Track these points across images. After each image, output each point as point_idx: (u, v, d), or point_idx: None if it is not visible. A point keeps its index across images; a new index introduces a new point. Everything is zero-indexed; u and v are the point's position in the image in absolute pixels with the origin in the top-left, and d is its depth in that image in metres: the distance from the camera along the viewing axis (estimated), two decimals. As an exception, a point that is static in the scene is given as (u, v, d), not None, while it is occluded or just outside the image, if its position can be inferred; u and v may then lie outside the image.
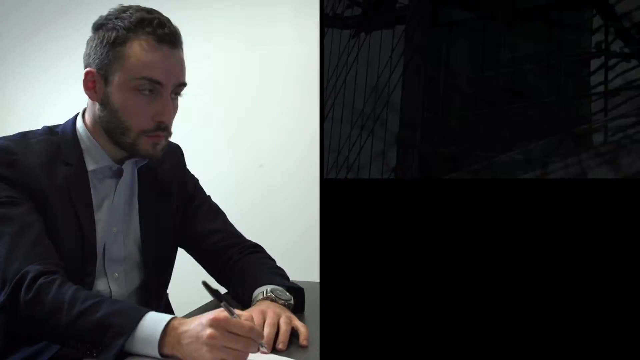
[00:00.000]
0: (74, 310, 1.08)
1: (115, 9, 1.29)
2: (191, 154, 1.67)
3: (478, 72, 5.28)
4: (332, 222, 1.03)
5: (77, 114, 1.35)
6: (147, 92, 1.25)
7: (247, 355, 0.99)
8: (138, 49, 1.24)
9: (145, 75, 1.24)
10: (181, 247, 1.53)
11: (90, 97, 1.30)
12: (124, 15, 1.26)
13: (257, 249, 1.51)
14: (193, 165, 1.65)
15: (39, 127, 1.35)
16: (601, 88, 4.63)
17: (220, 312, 1.01)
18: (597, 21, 4.87)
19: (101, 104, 1.28)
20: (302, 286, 1.41)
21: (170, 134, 1.32)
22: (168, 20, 1.28)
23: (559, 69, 4.82)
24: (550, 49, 4.92)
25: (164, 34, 1.26)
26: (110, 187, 1.33)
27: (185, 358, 1.01)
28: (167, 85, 1.26)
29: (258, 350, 1.01)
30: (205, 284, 1.04)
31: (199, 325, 1.01)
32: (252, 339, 1.00)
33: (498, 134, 4.83)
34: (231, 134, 3.21)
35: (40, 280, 1.12)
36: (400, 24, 6.16)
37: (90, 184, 1.30)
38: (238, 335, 0.99)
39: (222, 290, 1.36)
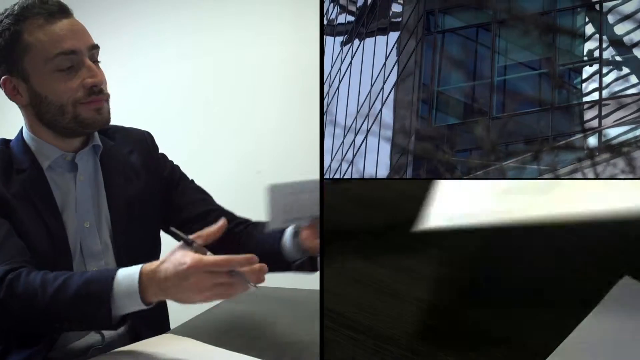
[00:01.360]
0: (47, 292, 1.07)
1: None
2: (188, 159, 1.65)
3: (470, 80, 5.30)
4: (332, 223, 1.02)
5: (22, 126, 1.34)
6: (66, 69, 1.24)
7: (235, 288, 1.01)
8: (37, 33, 1.24)
9: (57, 51, 1.23)
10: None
11: (20, 102, 1.28)
12: (5, 14, 1.25)
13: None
14: (190, 169, 1.64)
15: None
16: (595, 95, 4.66)
17: (195, 256, 1.01)
18: (589, 29, 4.91)
19: (31, 103, 1.27)
20: (301, 288, 1.41)
21: (107, 96, 1.29)
22: None
23: (553, 77, 4.84)
24: (543, 56, 4.95)
25: (52, 8, 1.25)
26: (71, 181, 1.31)
27: (173, 299, 1.03)
28: (81, 51, 1.24)
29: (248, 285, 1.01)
30: (172, 231, 1.09)
31: (177, 274, 1.00)
32: (234, 271, 1.00)
33: (491, 141, 4.85)
34: (229, 139, 3.20)
35: (7, 277, 1.11)
36: (394, 31, 6.19)
37: (50, 183, 1.29)
38: (219, 272, 1.00)
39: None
